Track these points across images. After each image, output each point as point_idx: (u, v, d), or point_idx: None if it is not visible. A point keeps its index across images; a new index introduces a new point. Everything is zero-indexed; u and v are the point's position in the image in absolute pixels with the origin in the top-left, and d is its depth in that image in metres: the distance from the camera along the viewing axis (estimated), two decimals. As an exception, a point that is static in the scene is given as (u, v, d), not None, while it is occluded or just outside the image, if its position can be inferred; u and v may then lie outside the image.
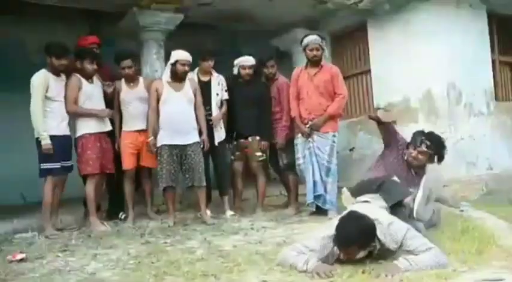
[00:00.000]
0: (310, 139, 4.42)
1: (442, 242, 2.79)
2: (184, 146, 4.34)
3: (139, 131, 4.51)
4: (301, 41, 4.56)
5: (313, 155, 4.39)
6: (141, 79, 4.69)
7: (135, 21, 5.43)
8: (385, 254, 2.54)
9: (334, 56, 7.00)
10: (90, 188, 4.24)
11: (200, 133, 4.48)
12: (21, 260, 3.13)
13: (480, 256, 2.57)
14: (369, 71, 6.36)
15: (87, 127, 4.24)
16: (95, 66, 4.31)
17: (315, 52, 4.43)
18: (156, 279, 2.52)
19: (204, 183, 4.42)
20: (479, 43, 5.95)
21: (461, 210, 4.09)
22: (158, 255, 3.05)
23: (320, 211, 4.41)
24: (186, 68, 4.41)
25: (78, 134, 4.25)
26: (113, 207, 4.80)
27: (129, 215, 4.54)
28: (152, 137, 4.34)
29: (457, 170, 5.42)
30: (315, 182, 4.35)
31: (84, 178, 4.32)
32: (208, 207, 4.68)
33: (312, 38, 4.46)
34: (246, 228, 3.96)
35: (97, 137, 4.27)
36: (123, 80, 4.59)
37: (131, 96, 4.53)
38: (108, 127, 4.42)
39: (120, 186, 4.63)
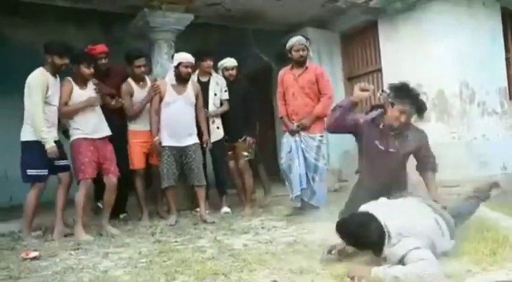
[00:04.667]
0: (297, 137, 4.44)
1: (455, 243, 2.76)
2: (185, 148, 4.43)
3: (151, 130, 4.52)
4: (285, 44, 4.57)
5: (299, 149, 4.41)
6: (147, 79, 4.71)
7: (145, 22, 5.46)
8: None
9: (345, 55, 6.98)
10: (80, 194, 3.92)
11: (201, 134, 4.57)
12: (35, 257, 3.17)
13: (494, 257, 2.53)
14: (380, 70, 6.32)
15: (79, 133, 4.01)
16: (92, 70, 4.07)
17: (301, 52, 4.47)
18: (167, 278, 2.53)
19: (204, 183, 4.53)
20: (492, 41, 5.87)
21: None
22: (169, 254, 3.07)
23: (305, 208, 4.43)
24: (189, 70, 4.48)
25: (71, 139, 4.04)
26: (115, 207, 4.76)
27: (143, 214, 4.56)
28: (157, 137, 4.37)
29: (470, 170, 5.35)
30: (300, 175, 4.36)
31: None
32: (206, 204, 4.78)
33: (297, 39, 4.50)
34: (256, 228, 3.96)
35: (90, 142, 4.01)
36: (130, 81, 4.58)
37: (143, 96, 4.54)
38: (104, 133, 4.12)
39: (122, 187, 4.65)
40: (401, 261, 2.32)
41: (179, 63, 4.44)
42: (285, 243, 3.28)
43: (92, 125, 4.06)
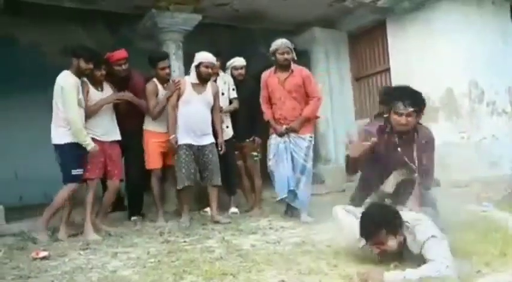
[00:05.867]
0: (286, 138, 4.37)
1: (464, 244, 2.74)
2: (202, 147, 4.40)
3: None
4: (270, 48, 4.52)
5: (288, 151, 4.34)
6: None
7: (153, 22, 5.49)
8: (411, 258, 2.47)
9: (352, 55, 6.96)
10: (89, 195, 4.00)
11: (216, 136, 4.54)
12: (44, 257, 3.19)
13: (504, 258, 2.52)
14: (388, 69, 6.29)
15: (89, 132, 4.00)
16: (103, 72, 4.13)
17: (285, 55, 4.40)
18: (175, 278, 2.54)
19: (220, 183, 4.48)
20: (502, 40, 5.81)
21: (484, 211, 4.02)
22: (177, 254, 3.08)
23: (290, 212, 4.42)
24: (210, 70, 4.45)
25: None
26: (131, 208, 4.77)
27: (159, 214, 4.54)
28: (174, 135, 4.37)
29: (480, 170, 5.31)
30: (288, 178, 4.28)
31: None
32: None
33: (282, 42, 4.44)
34: (264, 228, 3.96)
35: (98, 143, 4.02)
36: (155, 80, 4.58)
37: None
38: (114, 137, 4.22)
39: (138, 188, 4.68)
40: (421, 251, 2.37)
41: (200, 63, 4.40)
42: (293, 243, 3.28)
43: (103, 128, 4.12)
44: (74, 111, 3.85)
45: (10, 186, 5.76)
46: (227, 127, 4.83)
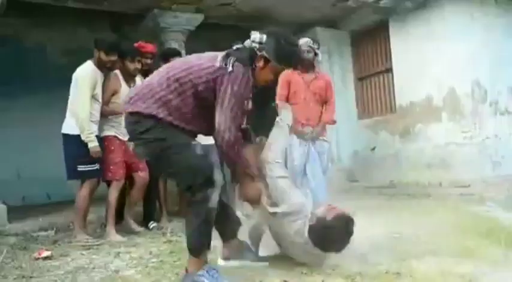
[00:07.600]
0: (310, 143, 4.24)
1: (467, 244, 2.73)
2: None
3: None
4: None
5: (315, 157, 4.21)
6: None
7: (155, 22, 5.50)
8: None
9: (355, 54, 6.95)
10: (112, 195, 3.82)
11: None
12: (47, 257, 3.19)
13: (507, 258, 2.51)
14: (391, 69, 6.28)
15: (113, 130, 3.89)
16: (138, 66, 3.98)
17: (306, 54, 4.27)
18: (177, 278, 2.53)
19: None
20: (505, 40, 5.80)
21: (487, 211, 4.00)
22: (180, 254, 3.07)
23: None
24: None
25: (104, 134, 3.88)
26: (147, 214, 4.53)
27: (163, 216, 4.49)
28: None
29: (483, 170, 5.30)
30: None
31: (108, 182, 3.97)
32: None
33: (303, 40, 4.30)
34: (266, 228, 3.95)
35: (121, 142, 3.87)
36: None
37: None
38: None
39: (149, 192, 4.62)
40: None
41: None
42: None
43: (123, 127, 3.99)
44: (82, 102, 3.62)
45: (13, 186, 5.79)
46: None
